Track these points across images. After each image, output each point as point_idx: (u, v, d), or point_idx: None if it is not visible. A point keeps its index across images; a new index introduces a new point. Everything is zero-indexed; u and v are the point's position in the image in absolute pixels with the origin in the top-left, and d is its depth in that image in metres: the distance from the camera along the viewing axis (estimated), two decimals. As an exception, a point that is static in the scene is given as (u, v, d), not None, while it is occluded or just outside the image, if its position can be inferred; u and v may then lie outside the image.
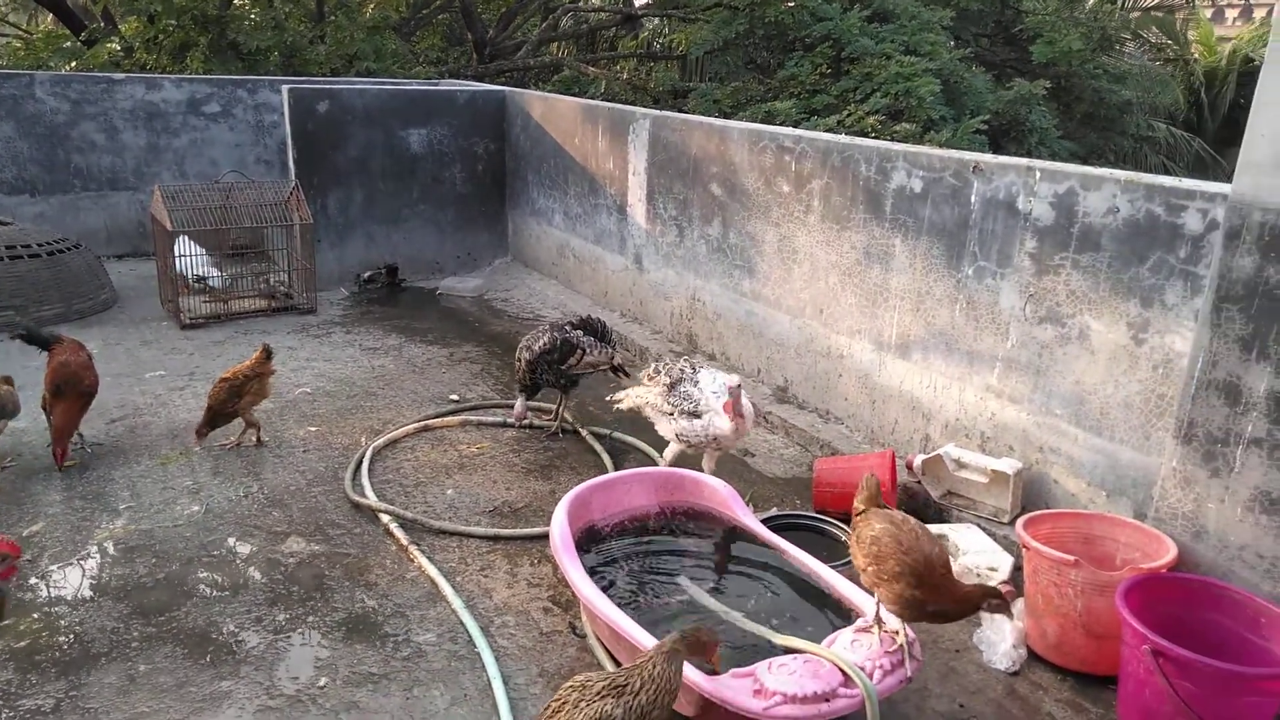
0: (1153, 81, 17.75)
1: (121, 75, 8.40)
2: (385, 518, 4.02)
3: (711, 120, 5.79)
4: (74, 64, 10.60)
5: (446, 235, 8.09)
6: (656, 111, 6.36)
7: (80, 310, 6.57)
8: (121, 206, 8.34)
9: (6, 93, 7.73)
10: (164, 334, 6.41)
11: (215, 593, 3.50)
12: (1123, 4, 19.90)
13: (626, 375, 5.21)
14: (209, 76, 9.07)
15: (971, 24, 13.04)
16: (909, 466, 4.21)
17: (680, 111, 11.93)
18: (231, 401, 4.47)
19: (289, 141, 7.32)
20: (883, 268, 4.52)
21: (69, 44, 11.30)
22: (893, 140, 9.08)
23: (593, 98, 12.90)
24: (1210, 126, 22.18)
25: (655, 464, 4.66)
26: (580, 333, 4.86)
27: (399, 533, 3.91)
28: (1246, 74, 20.83)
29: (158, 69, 10.92)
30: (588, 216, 7.12)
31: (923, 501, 4.17)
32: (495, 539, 3.95)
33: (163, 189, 6.58)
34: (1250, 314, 2.91)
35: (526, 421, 5.06)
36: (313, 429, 4.97)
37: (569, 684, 2.38)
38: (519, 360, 4.88)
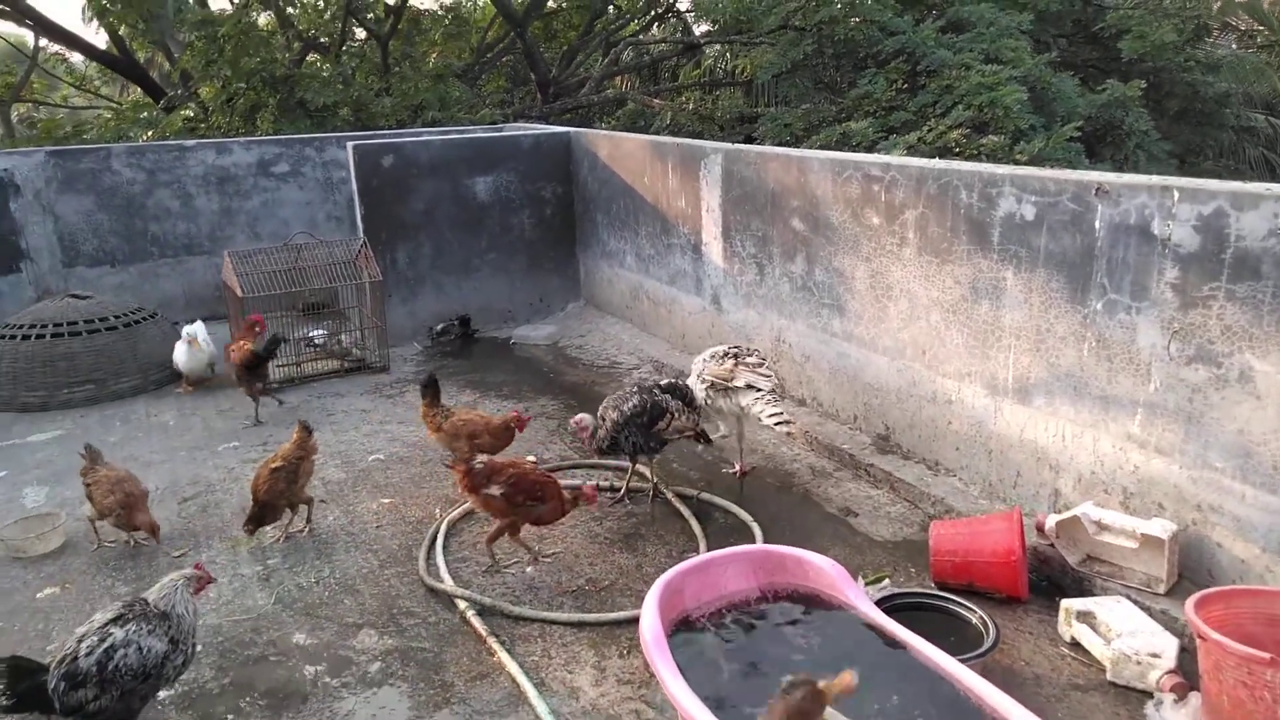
0: (1247, 70, 16.69)
1: (193, 142, 8.50)
2: (462, 604, 3.73)
3: (789, 151, 5.42)
4: (150, 133, 10.85)
5: (517, 283, 7.89)
6: (729, 145, 6.03)
7: (157, 380, 6.54)
8: (198, 271, 8.39)
9: (86, 167, 7.86)
10: (239, 401, 6.30)
11: (283, 700, 3.24)
12: (1210, -9, 18.83)
13: (709, 443, 4.83)
14: (277, 137, 9.12)
15: (1050, 26, 12.38)
16: (1039, 528, 3.73)
17: (750, 138, 11.60)
18: (288, 490, 4.24)
19: (356, 198, 7.22)
20: (993, 303, 4.07)
21: (145, 114, 11.59)
22: (980, 155, 8.57)
23: (658, 130, 12.70)
24: (1315, 113, 20.77)
25: (747, 526, 4.29)
26: (669, 396, 4.52)
27: (476, 622, 3.61)
28: (1351, 56, 19.42)
29: (232, 131, 11.11)
30: (661, 257, 6.82)
31: (1058, 568, 3.69)
32: (580, 625, 3.62)
33: (232, 254, 6.52)
34: None
35: (607, 484, 4.76)
36: (385, 500, 4.74)
37: None
38: (603, 420, 4.53)
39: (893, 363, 4.72)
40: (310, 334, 7.07)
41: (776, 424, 4.45)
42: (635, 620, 3.59)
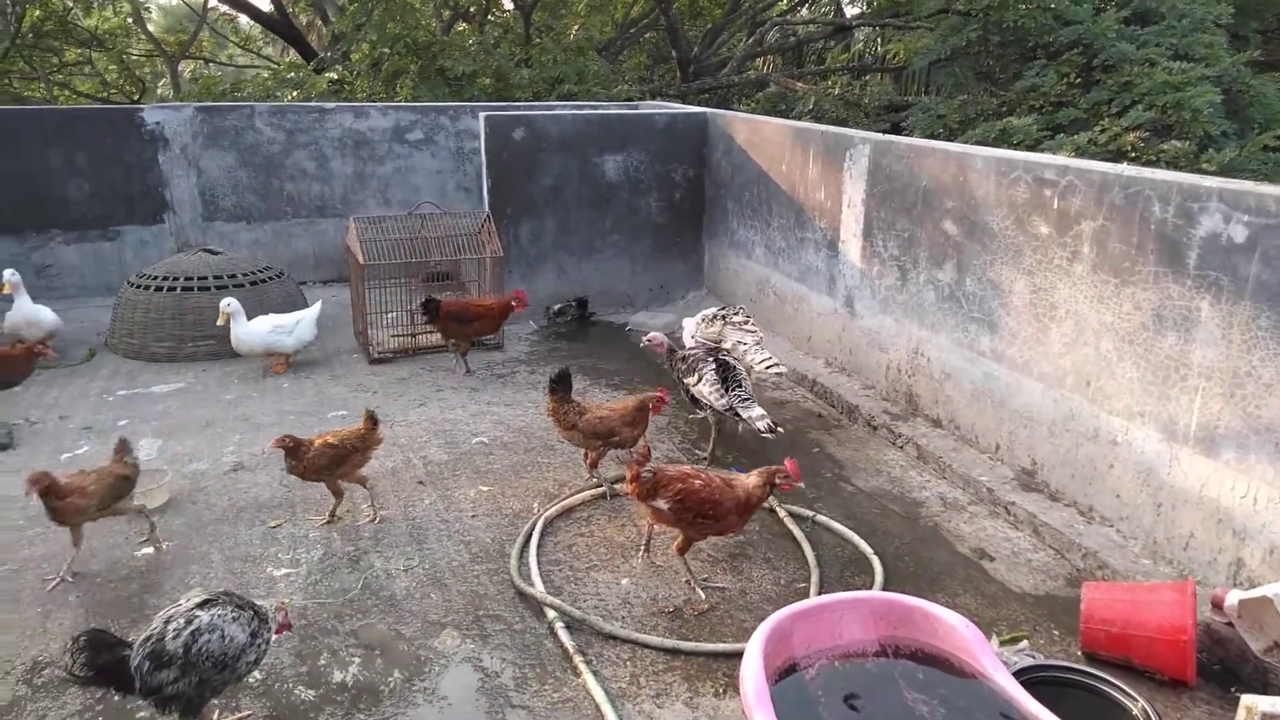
0: None
1: (332, 105, 8.57)
2: (551, 613, 3.49)
3: (947, 146, 4.91)
4: (295, 93, 11.09)
5: (639, 267, 7.61)
6: (878, 135, 5.54)
7: (278, 340, 6.57)
8: (329, 233, 8.48)
9: (230, 124, 8.03)
10: (352, 368, 6.29)
11: (356, 697, 3.07)
12: None
13: (741, 419, 4.64)
14: (413, 104, 9.13)
15: (1252, 18, 11.10)
16: (1216, 603, 3.18)
17: (897, 128, 10.92)
18: (328, 469, 4.04)
19: (484, 170, 7.09)
20: (1181, 336, 3.50)
21: (292, 74, 11.87)
22: (1159, 161, 7.72)
23: (799, 115, 12.14)
24: None
25: (866, 560, 3.89)
26: (713, 365, 4.77)
27: (565, 636, 3.35)
28: None
29: (375, 96, 11.25)
30: (792, 251, 6.39)
31: (1236, 653, 3.15)
32: (674, 653, 3.32)
33: (358, 220, 6.48)
34: None
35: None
36: (484, 489, 4.55)
37: None
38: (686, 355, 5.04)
39: (1048, 391, 4.19)
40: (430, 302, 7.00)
41: (768, 367, 5.03)
42: (735, 655, 3.28)
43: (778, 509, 4.28)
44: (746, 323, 5.30)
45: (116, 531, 4.09)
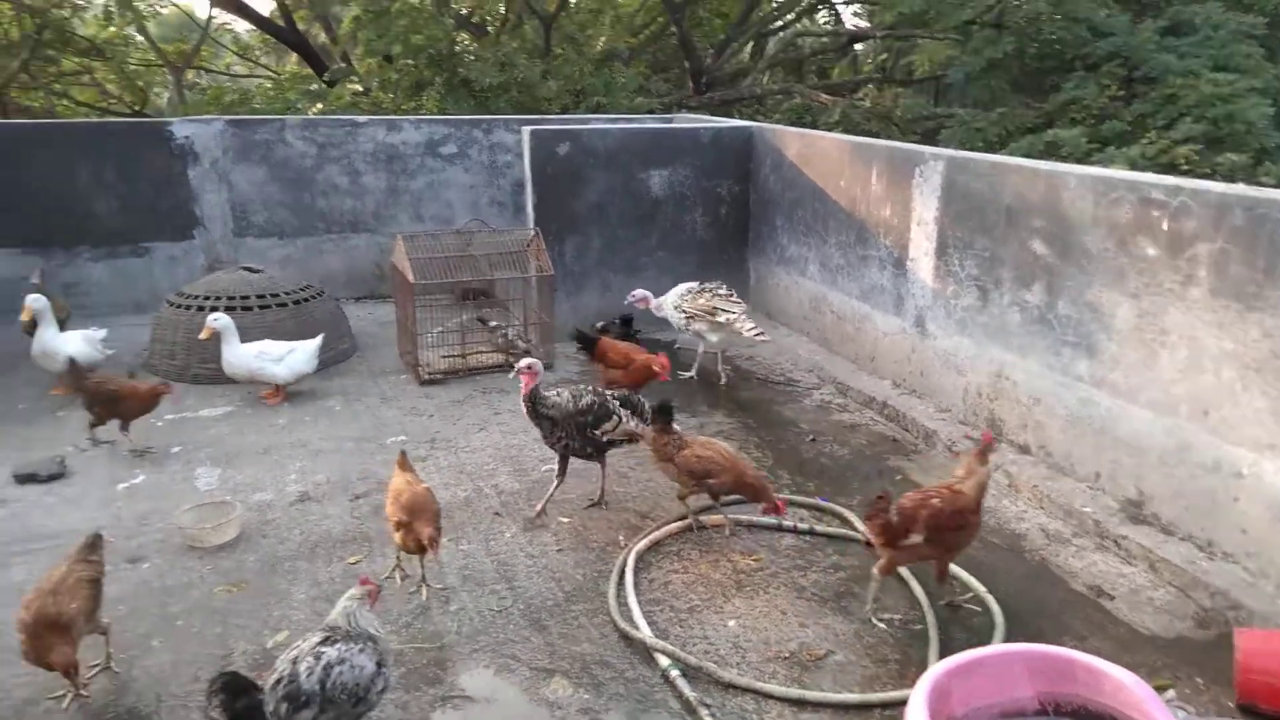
0: None
1: (365, 118, 8.39)
2: (664, 660, 3.31)
3: (1035, 164, 4.77)
4: (319, 106, 10.89)
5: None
6: (952, 152, 5.40)
7: (323, 360, 6.33)
8: (360, 249, 8.29)
9: (261, 138, 7.83)
10: (403, 390, 6.10)
11: (476, 758, 2.89)
12: None
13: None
14: (446, 117, 8.96)
15: None
16: (1374, 649, 3.04)
17: (931, 141, 10.82)
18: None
19: (529, 185, 6.92)
20: (1320, 366, 3.36)
21: (314, 86, 11.67)
22: (1214, 175, 7.62)
23: (827, 127, 12.03)
24: None
25: (979, 596, 3.72)
26: (618, 404, 4.40)
27: (684, 686, 3.17)
28: None
29: (394, 108, 11.05)
30: (852, 269, 6.24)
31: (1398, 701, 2.99)
32: (800, 704, 3.14)
33: (405, 238, 6.29)
34: None
35: (805, 526, 4.27)
36: (564, 520, 4.37)
37: None
38: (556, 402, 4.31)
39: (1158, 419, 4.04)
40: (487, 316, 6.75)
41: (756, 335, 5.72)
42: (865, 706, 3.12)
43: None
44: (731, 295, 5.97)
45: (190, 569, 3.88)
